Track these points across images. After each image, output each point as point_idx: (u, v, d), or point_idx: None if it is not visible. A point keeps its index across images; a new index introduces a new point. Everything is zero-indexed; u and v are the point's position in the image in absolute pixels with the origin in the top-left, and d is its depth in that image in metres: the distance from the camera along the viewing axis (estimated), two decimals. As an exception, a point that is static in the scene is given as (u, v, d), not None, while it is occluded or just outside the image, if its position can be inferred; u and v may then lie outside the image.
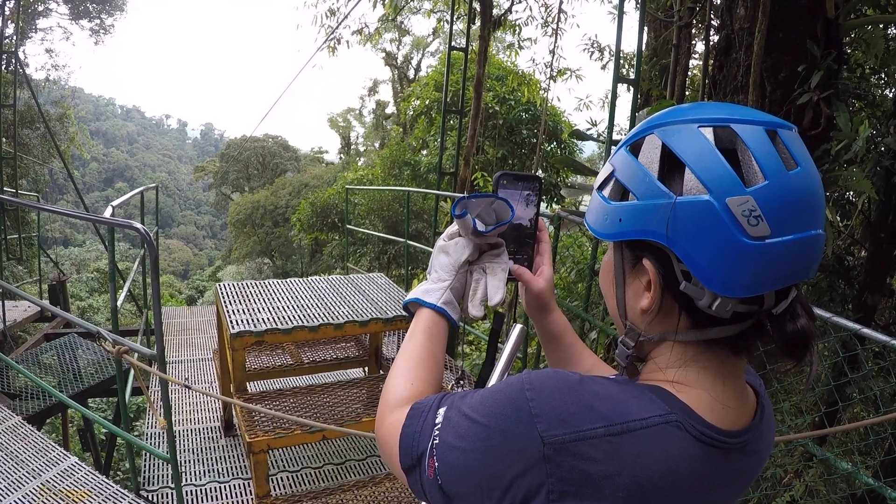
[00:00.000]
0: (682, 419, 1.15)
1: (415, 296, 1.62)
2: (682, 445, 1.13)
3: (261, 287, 6.15)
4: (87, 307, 27.98)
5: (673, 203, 1.11)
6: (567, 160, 16.17)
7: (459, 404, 1.22)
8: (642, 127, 1.23)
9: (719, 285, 1.11)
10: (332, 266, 27.91)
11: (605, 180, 1.28)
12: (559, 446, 1.06)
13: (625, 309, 1.31)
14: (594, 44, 14.22)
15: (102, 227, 10.46)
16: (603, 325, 6.34)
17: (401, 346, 1.56)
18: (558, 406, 1.10)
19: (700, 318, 1.19)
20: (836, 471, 4.36)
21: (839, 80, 5.97)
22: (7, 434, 5.59)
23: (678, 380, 1.22)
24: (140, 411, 14.31)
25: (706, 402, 1.20)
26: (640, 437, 1.09)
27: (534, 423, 1.08)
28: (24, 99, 20.08)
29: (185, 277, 58.63)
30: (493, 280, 1.64)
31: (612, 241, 1.31)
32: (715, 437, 1.18)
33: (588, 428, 1.07)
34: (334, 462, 6.00)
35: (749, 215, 1.07)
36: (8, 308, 9.33)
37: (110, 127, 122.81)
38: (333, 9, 20.89)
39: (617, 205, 1.22)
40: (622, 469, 1.07)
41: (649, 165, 1.17)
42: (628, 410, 1.12)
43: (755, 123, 1.13)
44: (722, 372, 1.23)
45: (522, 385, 1.14)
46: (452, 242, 1.67)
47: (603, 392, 1.14)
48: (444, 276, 1.64)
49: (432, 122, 21.97)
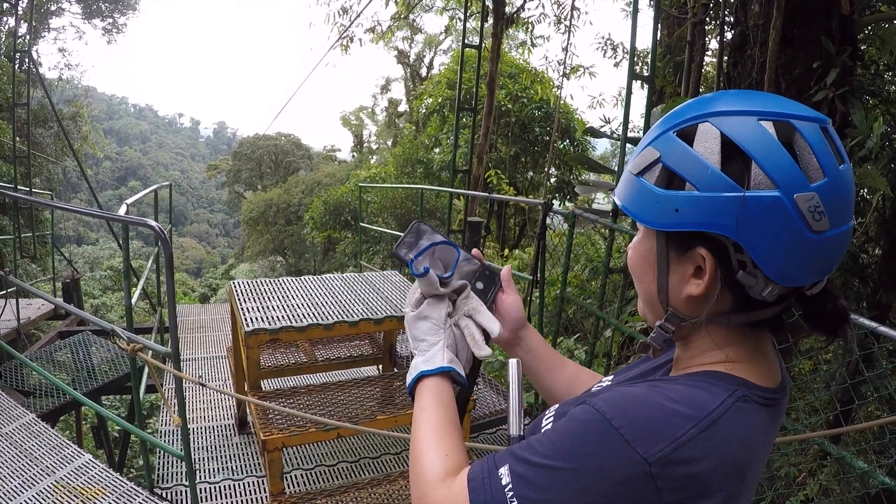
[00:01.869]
0: (747, 392, 1.21)
1: (415, 374, 1.58)
2: (754, 416, 1.20)
3: (275, 285, 6.14)
4: (101, 305, 28.07)
5: (742, 197, 1.12)
6: (580, 158, 16.23)
7: (526, 457, 1.19)
8: (689, 114, 1.22)
9: (781, 276, 1.15)
10: (345, 264, 27.91)
11: (649, 166, 1.25)
12: (664, 460, 1.07)
13: (667, 295, 1.31)
14: (607, 41, 14.21)
15: (116, 225, 10.51)
16: (617, 322, 6.32)
17: (413, 421, 1.52)
18: (647, 423, 1.11)
19: (745, 301, 1.22)
20: (850, 470, 4.33)
21: (854, 77, 5.94)
22: (21, 431, 5.60)
23: (728, 359, 1.26)
24: (153, 409, 14.36)
25: (755, 370, 1.27)
26: (724, 424, 1.13)
27: (631, 448, 1.08)
28: (37, 98, 20.14)
29: (198, 275, 58.77)
30: (481, 316, 1.64)
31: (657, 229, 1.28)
32: (772, 398, 1.26)
33: (682, 433, 1.10)
34: (349, 460, 5.99)
35: (814, 211, 1.11)
36: (22, 306, 9.37)
37: (123, 125, 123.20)
38: (346, 7, 20.92)
39: (670, 193, 1.20)
40: (721, 458, 1.11)
41: (709, 155, 1.16)
42: (704, 402, 1.15)
43: (810, 120, 1.15)
44: (760, 346, 1.30)
45: (601, 416, 1.13)
46: (424, 305, 1.66)
47: (675, 394, 1.16)
48: (434, 338, 1.61)
49: (445, 120, 22.00)
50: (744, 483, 1.16)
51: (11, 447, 5.34)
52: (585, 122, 20.56)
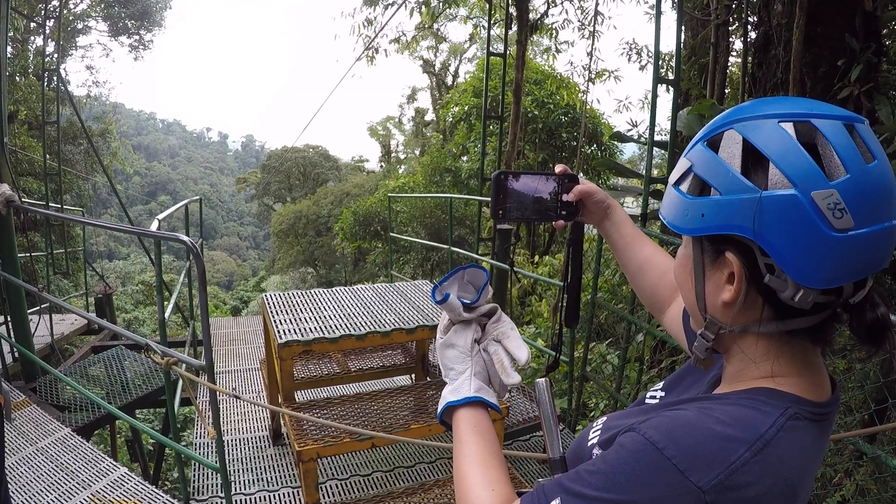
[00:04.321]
0: (798, 409, 1.19)
1: (444, 403, 1.59)
2: (806, 433, 1.19)
3: (306, 296, 6.16)
4: (133, 319, 28.22)
5: (759, 198, 1.13)
6: (608, 162, 16.19)
7: (577, 490, 1.17)
8: (719, 123, 1.25)
9: (805, 277, 1.13)
10: (376, 274, 27.98)
11: (683, 176, 1.29)
12: (718, 488, 1.06)
13: (704, 302, 1.31)
14: (632, 45, 14.20)
15: (148, 241, 10.57)
16: (649, 327, 6.30)
17: (455, 455, 1.51)
18: (699, 451, 1.09)
19: (781, 309, 1.21)
20: (887, 469, 4.30)
21: (879, 74, 5.91)
22: (57, 445, 5.65)
23: (776, 373, 1.25)
24: (186, 422, 14.42)
25: (805, 385, 1.25)
26: (777, 445, 1.12)
27: (685, 477, 1.07)
28: (66, 115, 20.37)
29: (229, 288, 58.95)
30: (510, 342, 1.63)
31: (692, 236, 1.30)
32: (823, 413, 1.24)
33: (735, 459, 1.08)
34: (383, 469, 5.99)
35: (834, 208, 1.09)
36: (55, 322, 9.44)
37: (152, 141, 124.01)
38: (370, 18, 21.02)
39: (699, 200, 1.23)
40: (775, 480, 1.09)
41: (731, 160, 1.18)
42: (756, 424, 1.14)
43: (833, 118, 1.15)
44: (807, 358, 1.27)
45: (652, 445, 1.12)
46: (451, 332, 1.66)
47: (725, 417, 1.15)
48: (461, 367, 1.61)
49: (472, 128, 21.98)
50: (797, 501, 1.15)
51: (47, 461, 5.39)
52: (612, 127, 20.47)
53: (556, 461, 1.47)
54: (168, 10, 32.57)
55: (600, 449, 1.37)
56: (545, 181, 1.80)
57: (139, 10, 31.03)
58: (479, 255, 9.95)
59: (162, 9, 32.22)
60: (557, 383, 8.98)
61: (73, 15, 28.35)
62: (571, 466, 1.29)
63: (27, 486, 5.01)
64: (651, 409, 1.41)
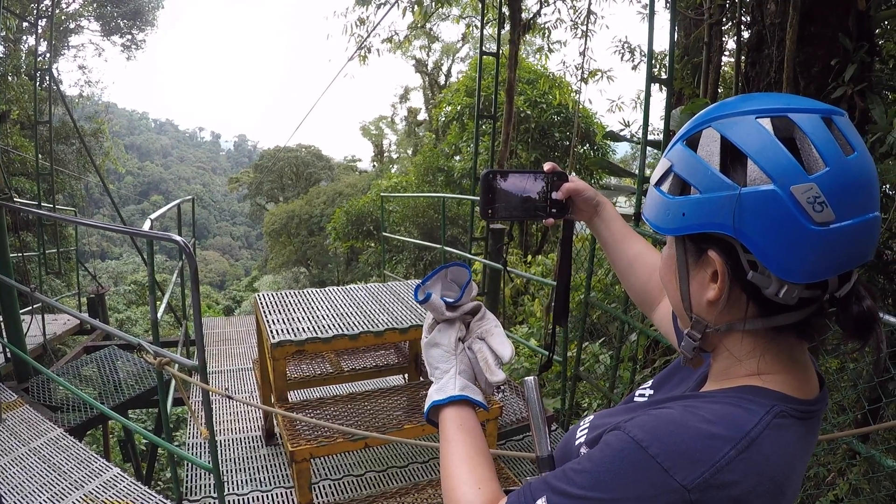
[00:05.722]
0: (784, 407, 1.20)
1: (430, 402, 1.59)
2: (793, 431, 1.19)
3: (299, 296, 6.15)
4: (126, 319, 28.22)
5: (738, 194, 1.14)
6: (601, 162, 16.18)
7: (563, 488, 1.18)
8: (697, 121, 1.25)
9: (788, 272, 1.13)
10: (369, 274, 27.95)
11: (663, 176, 1.30)
12: (703, 486, 1.06)
13: (690, 301, 1.32)
14: (625, 45, 14.20)
15: (141, 240, 10.56)
16: (642, 326, 6.30)
17: (442, 454, 1.52)
18: (684, 449, 1.09)
19: (766, 305, 1.21)
20: (880, 468, 4.31)
21: (872, 73, 5.92)
22: (49, 446, 5.64)
23: (762, 371, 1.25)
24: (179, 422, 14.41)
25: (791, 382, 1.25)
26: (763, 443, 1.12)
27: (669, 476, 1.07)
28: (58, 115, 20.31)
29: (221, 288, 58.96)
30: (494, 339, 1.64)
31: (674, 236, 1.31)
32: (810, 410, 1.24)
33: (720, 457, 1.09)
34: (376, 469, 5.99)
35: (814, 202, 1.09)
36: (48, 322, 9.44)
37: (144, 141, 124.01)
38: (363, 18, 21.03)
39: (679, 199, 1.24)
40: (760, 478, 1.10)
41: (709, 158, 1.19)
42: (741, 422, 1.14)
43: (811, 112, 1.15)
44: (793, 354, 1.27)
45: (636, 444, 1.12)
46: (435, 332, 1.67)
47: (710, 415, 1.15)
48: (446, 365, 1.62)
49: (464, 128, 21.96)
50: (784, 499, 1.15)
51: (40, 461, 5.38)
52: (605, 126, 20.50)
53: (543, 459, 1.46)
54: (160, 9, 32.60)
55: (587, 447, 1.39)
56: (534, 179, 1.82)
57: (131, 9, 31.01)
58: (472, 255, 9.93)
59: (154, 8, 32.23)
60: (550, 383, 8.99)
61: (66, 14, 28.32)
62: (560, 464, 1.29)
63: (19, 487, 5.00)
64: (638, 407, 1.42)
